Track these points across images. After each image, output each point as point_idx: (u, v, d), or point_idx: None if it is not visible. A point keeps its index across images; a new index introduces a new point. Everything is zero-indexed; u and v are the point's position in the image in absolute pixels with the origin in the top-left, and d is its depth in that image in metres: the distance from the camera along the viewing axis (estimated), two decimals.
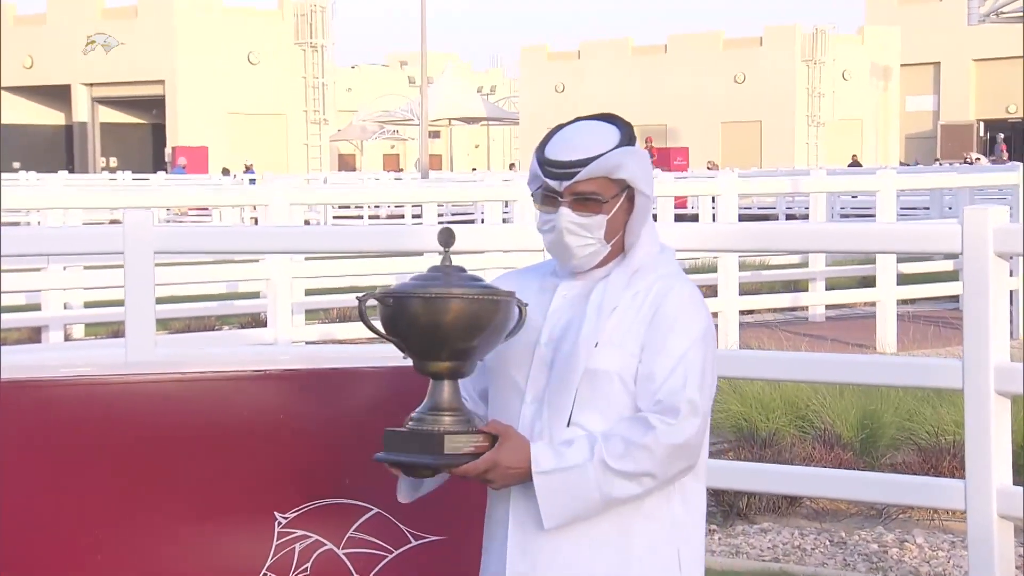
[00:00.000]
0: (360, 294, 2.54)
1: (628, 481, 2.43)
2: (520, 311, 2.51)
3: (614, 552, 2.49)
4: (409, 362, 2.51)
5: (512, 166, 48.59)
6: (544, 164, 2.54)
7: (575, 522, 2.46)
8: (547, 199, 2.55)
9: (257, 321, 11.20)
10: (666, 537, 2.52)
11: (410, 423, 2.47)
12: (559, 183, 2.52)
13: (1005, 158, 39.91)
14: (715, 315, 9.89)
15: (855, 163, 40.73)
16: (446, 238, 2.48)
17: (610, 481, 2.42)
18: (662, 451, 2.42)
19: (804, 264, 14.39)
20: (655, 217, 11.85)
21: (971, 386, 4.32)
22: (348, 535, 3.04)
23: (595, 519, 2.48)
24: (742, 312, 11.90)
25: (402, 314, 2.43)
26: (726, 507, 5.89)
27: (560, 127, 2.59)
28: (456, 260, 2.51)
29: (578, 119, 2.60)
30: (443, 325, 2.40)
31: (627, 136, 2.55)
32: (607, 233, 2.53)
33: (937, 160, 45.43)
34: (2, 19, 47.32)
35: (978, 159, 37.80)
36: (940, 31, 53.75)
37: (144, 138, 49.82)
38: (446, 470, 2.47)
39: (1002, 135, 46.33)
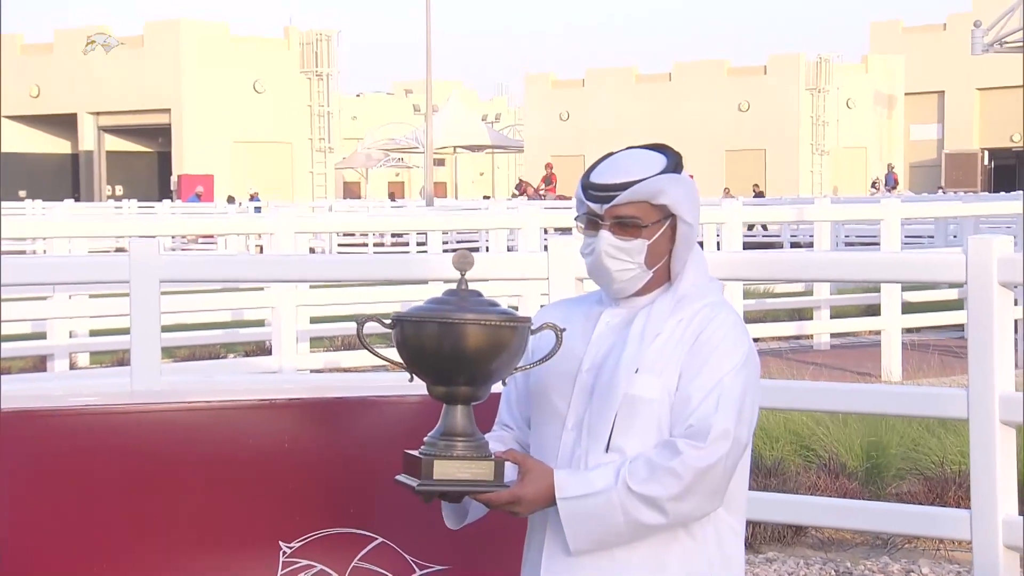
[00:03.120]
0: (360, 317, 2.52)
1: (653, 506, 2.41)
2: (556, 336, 2.51)
3: (652, 570, 2.48)
4: (415, 388, 2.50)
5: (516, 194, 48.57)
6: (587, 188, 2.55)
7: (602, 548, 2.45)
8: (589, 223, 2.56)
9: (262, 349, 11.20)
10: (704, 564, 2.50)
11: (421, 447, 2.45)
12: (600, 206, 2.53)
13: (892, 187, 40.49)
14: None
15: (758, 194, 40.41)
16: (463, 262, 2.46)
17: (635, 506, 2.40)
18: (689, 475, 2.40)
19: (809, 292, 14.39)
20: None
21: (976, 415, 4.31)
22: (353, 564, 3.04)
23: (629, 549, 2.47)
24: None
25: (416, 338, 2.41)
26: None
27: (610, 154, 2.60)
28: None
29: (629, 148, 2.61)
30: (458, 350, 2.38)
31: (674, 164, 2.56)
32: (648, 259, 2.53)
33: (940, 188, 45.44)
34: (9, 48, 47.54)
35: (875, 191, 37.93)
36: (944, 60, 53.84)
37: (150, 166, 49.95)
38: (455, 496, 2.45)
39: (891, 164, 46.35)
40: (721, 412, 2.43)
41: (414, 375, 2.47)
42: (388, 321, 2.46)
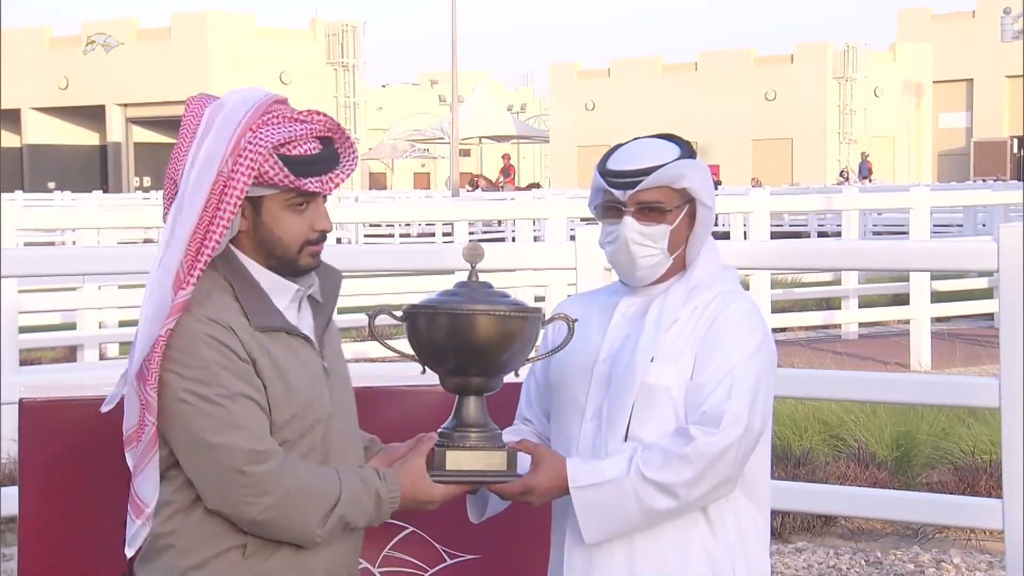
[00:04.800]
0: (372, 310, 2.52)
1: (666, 492, 2.40)
2: (569, 327, 2.52)
3: (673, 566, 2.48)
4: (431, 377, 2.51)
5: (534, 185, 48.64)
6: (607, 175, 2.55)
7: (616, 536, 2.45)
8: (609, 211, 2.56)
9: None
10: (723, 555, 2.50)
11: (436, 439, 2.46)
12: (623, 192, 2.53)
13: (865, 177, 39.97)
14: None
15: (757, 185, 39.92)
16: (473, 254, 2.48)
17: (648, 493, 2.40)
18: (702, 461, 2.40)
19: (837, 282, 14.33)
20: None
21: (1008, 405, 4.28)
22: (384, 554, 3.04)
23: (648, 538, 2.47)
24: (774, 330, 11.85)
25: (428, 329, 2.43)
26: None
27: (620, 145, 2.61)
28: (487, 278, 2.52)
29: (636, 139, 2.62)
30: (469, 341, 2.40)
31: (688, 151, 2.57)
32: (670, 244, 2.54)
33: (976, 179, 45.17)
34: (38, 41, 47.83)
35: (845, 180, 37.32)
36: (973, 48, 53.49)
37: None
38: (472, 487, 2.46)
39: (864, 153, 45.55)
40: (734, 398, 2.42)
41: (426, 367, 2.48)
42: (399, 313, 2.47)
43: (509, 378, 2.50)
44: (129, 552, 2.44)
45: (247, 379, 2.31)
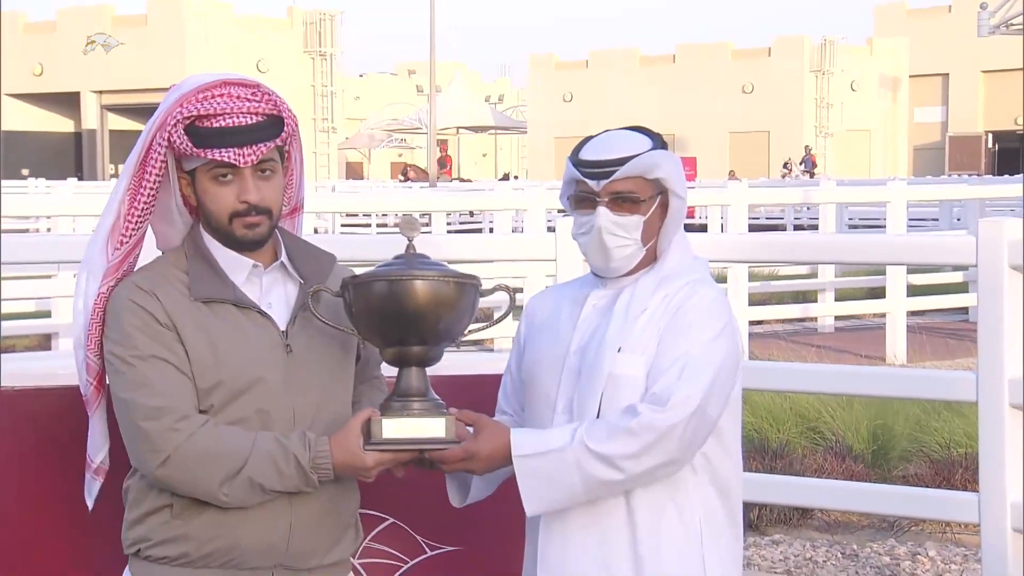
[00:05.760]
0: (309, 287, 2.54)
1: (609, 464, 2.40)
2: (510, 297, 2.56)
3: (644, 552, 2.48)
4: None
5: (506, 176, 48.66)
6: (580, 165, 2.55)
7: (556, 508, 2.45)
8: (583, 202, 2.56)
9: None
10: (692, 545, 2.50)
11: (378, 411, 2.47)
12: (597, 182, 2.53)
13: (808, 170, 40.10)
14: None
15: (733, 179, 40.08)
16: (409, 228, 2.51)
17: (591, 463, 2.40)
18: (646, 435, 2.39)
19: (813, 275, 14.37)
20: None
21: (985, 399, 4.30)
22: (363, 545, 3.03)
23: (624, 525, 2.48)
24: (751, 323, 11.87)
25: (364, 299, 2.45)
26: None
27: (590, 137, 2.61)
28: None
29: (607, 130, 2.63)
30: (406, 307, 2.42)
31: (659, 142, 2.58)
32: (643, 235, 2.54)
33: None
34: (12, 27, 47.47)
35: (787, 169, 37.31)
36: (949, 42, 53.70)
37: None
38: (411, 457, 2.45)
39: (808, 147, 45.69)
40: (684, 380, 2.42)
41: (365, 340, 2.52)
42: (336, 290, 2.51)
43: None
44: (88, 503, 2.66)
45: (164, 343, 2.45)
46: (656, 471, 2.43)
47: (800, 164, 42.01)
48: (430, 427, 2.43)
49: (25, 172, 41.81)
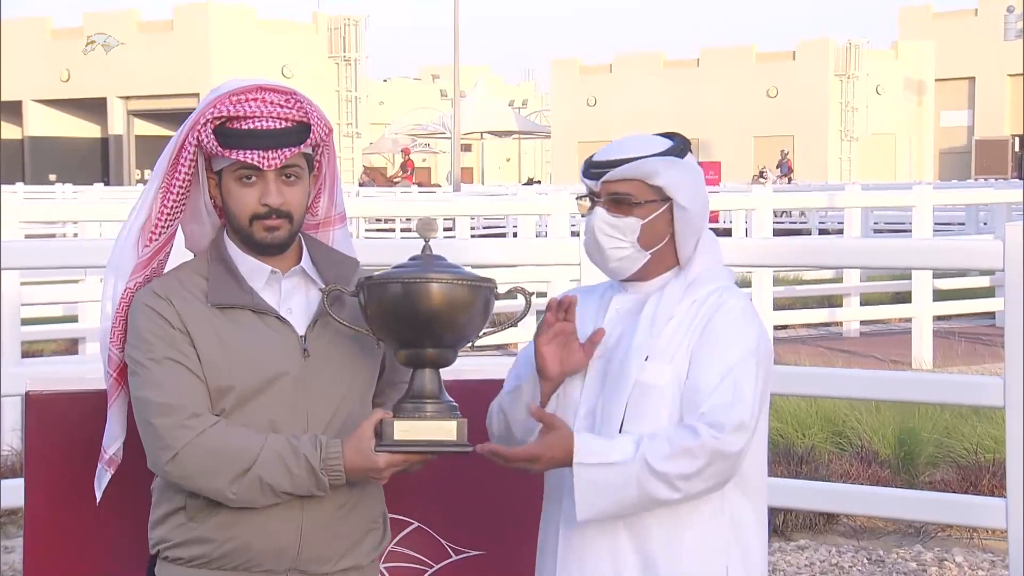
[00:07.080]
0: (327, 288, 2.54)
1: (667, 483, 2.40)
2: (526, 299, 2.55)
3: (664, 559, 2.48)
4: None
5: (531, 181, 48.57)
6: (587, 166, 2.57)
7: (607, 518, 2.44)
8: (588, 203, 2.56)
9: None
10: (717, 551, 2.50)
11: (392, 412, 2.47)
12: (595, 183, 2.53)
13: (785, 175, 39.82)
14: None
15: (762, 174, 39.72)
16: (426, 228, 2.50)
17: (650, 481, 2.39)
18: (705, 459, 2.40)
19: (839, 279, 14.32)
20: None
21: (1012, 404, 4.27)
22: (389, 549, 3.03)
23: (645, 528, 2.47)
24: (776, 327, 11.85)
25: (380, 301, 2.45)
26: None
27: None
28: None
29: (633, 135, 2.62)
30: (421, 309, 2.41)
31: (678, 149, 2.55)
32: (643, 239, 2.52)
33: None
34: (39, 33, 47.77)
35: (764, 179, 37.10)
36: (975, 46, 53.43)
37: None
38: (421, 458, 2.46)
39: (784, 151, 45.08)
40: (738, 405, 2.42)
41: (380, 341, 2.51)
42: (352, 289, 2.51)
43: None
44: (97, 494, 2.69)
45: (177, 346, 2.50)
46: (708, 490, 2.44)
47: (776, 168, 41.75)
48: (442, 430, 2.43)
49: (52, 177, 42.08)
